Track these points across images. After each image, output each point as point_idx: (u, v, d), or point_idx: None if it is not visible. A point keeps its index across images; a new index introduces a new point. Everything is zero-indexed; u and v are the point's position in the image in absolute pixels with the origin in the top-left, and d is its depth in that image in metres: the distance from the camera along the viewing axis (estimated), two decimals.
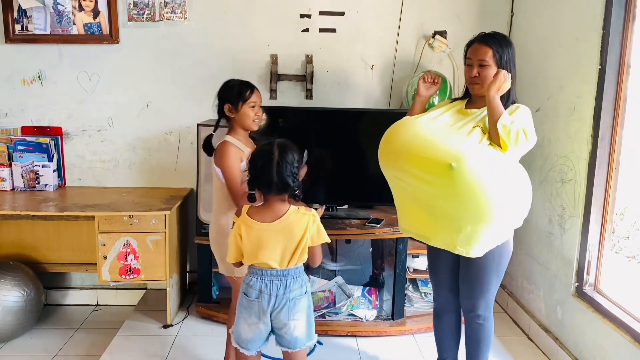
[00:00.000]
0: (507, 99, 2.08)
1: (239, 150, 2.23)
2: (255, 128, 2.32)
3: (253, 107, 2.27)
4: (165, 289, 2.94)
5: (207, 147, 2.35)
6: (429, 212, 2.05)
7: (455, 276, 2.25)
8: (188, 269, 3.45)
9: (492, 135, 1.97)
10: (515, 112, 2.04)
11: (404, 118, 2.19)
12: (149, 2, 3.13)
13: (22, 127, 3.24)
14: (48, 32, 3.13)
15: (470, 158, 1.89)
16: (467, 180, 1.88)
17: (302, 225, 1.92)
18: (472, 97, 2.16)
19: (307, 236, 1.92)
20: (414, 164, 2.00)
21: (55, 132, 3.25)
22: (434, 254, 2.29)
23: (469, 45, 2.12)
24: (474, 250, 2.01)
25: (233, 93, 2.25)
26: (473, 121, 2.04)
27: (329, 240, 1.97)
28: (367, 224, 2.88)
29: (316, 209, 2.01)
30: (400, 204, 2.22)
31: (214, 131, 2.35)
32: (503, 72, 2.03)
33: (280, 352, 2.14)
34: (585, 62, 2.47)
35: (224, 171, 2.21)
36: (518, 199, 2.03)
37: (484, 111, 2.05)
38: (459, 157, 1.88)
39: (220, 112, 2.29)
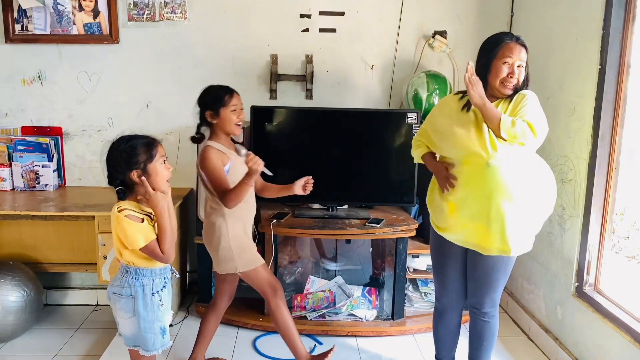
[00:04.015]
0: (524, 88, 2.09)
1: (221, 153, 2.24)
2: (238, 132, 2.31)
3: (234, 110, 2.26)
4: None
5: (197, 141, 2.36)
6: (463, 213, 2.07)
7: (462, 276, 2.25)
8: (188, 269, 3.45)
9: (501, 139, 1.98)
10: (521, 103, 2.02)
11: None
12: (149, 2, 3.13)
13: (22, 127, 3.24)
14: (48, 32, 3.13)
15: (503, 155, 1.94)
16: (502, 177, 1.93)
17: (113, 222, 1.87)
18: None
19: (117, 234, 1.87)
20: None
21: (55, 132, 3.25)
22: (441, 254, 2.29)
23: (501, 43, 2.04)
24: (514, 249, 2.03)
25: (212, 99, 2.25)
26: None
27: (136, 247, 1.84)
28: (367, 224, 2.88)
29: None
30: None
31: (195, 140, 2.34)
32: (468, 75, 1.97)
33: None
34: (585, 62, 2.47)
35: (207, 174, 2.22)
36: (546, 190, 2.06)
37: (496, 107, 2.06)
38: (495, 154, 1.93)
39: (202, 119, 2.29)
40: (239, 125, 2.29)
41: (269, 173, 2.25)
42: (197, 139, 2.33)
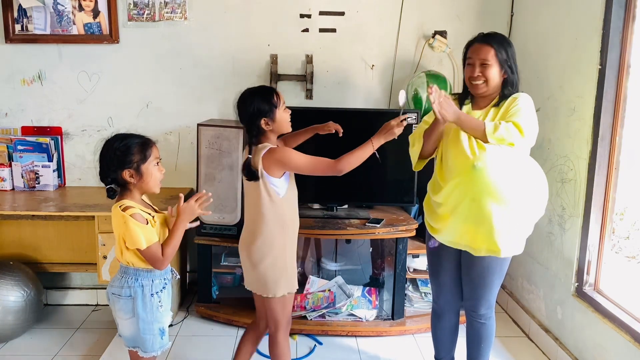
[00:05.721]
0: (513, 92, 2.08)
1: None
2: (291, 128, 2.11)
3: (285, 109, 2.06)
4: None
5: (250, 172, 2.03)
6: (458, 215, 2.08)
7: (457, 279, 2.26)
8: (188, 269, 3.45)
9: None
10: (512, 105, 2.03)
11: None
12: (149, 2, 3.13)
13: (22, 127, 3.24)
14: (48, 32, 3.13)
15: (490, 156, 1.95)
16: (489, 179, 1.95)
17: (116, 221, 1.85)
18: (475, 98, 2.15)
19: (120, 234, 1.85)
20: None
21: (55, 132, 3.25)
22: (436, 256, 2.29)
23: (469, 45, 2.12)
24: (504, 250, 2.04)
25: (265, 104, 1.98)
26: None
27: (141, 247, 1.81)
28: (367, 224, 2.88)
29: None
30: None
31: (250, 153, 2.03)
32: (435, 92, 1.92)
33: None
34: (585, 62, 2.47)
35: (299, 164, 2.02)
36: (537, 192, 2.07)
37: (489, 110, 2.08)
38: (482, 155, 1.95)
39: (257, 130, 2.01)
40: (290, 122, 2.08)
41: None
42: (252, 174, 2.02)
